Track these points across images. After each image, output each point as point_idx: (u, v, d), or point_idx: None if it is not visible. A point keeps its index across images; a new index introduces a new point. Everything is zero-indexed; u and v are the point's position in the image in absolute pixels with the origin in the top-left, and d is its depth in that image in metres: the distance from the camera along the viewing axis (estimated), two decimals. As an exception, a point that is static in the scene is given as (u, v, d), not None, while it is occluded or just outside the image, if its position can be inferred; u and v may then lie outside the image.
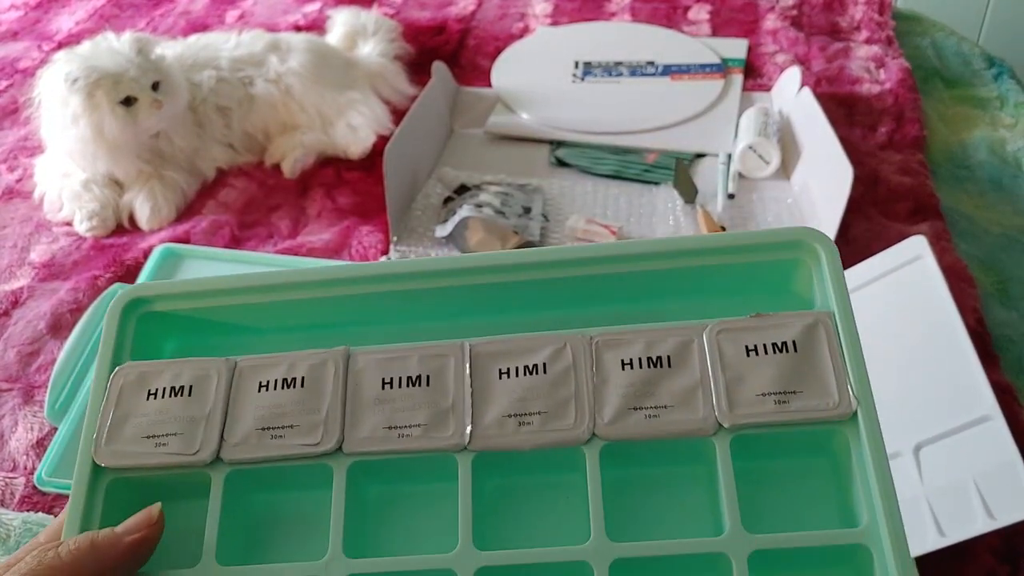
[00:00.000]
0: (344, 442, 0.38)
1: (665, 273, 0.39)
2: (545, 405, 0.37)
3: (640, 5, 1.53)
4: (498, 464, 0.38)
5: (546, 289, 0.40)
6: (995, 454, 0.61)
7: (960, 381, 0.66)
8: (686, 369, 0.37)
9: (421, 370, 0.39)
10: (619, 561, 0.35)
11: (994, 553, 0.73)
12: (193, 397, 0.40)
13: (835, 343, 0.37)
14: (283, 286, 0.42)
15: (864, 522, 0.36)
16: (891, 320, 0.75)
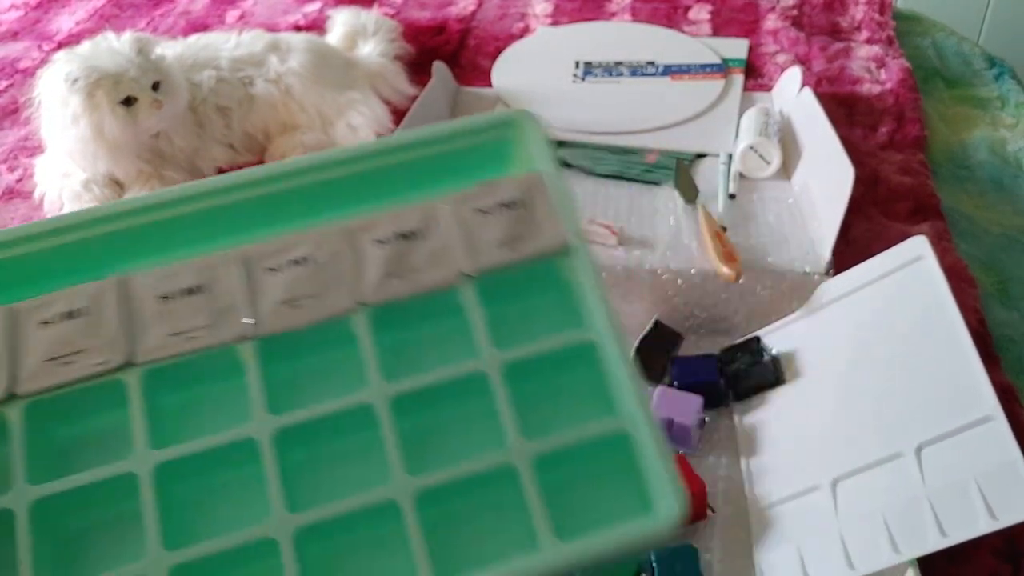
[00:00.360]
0: (133, 355, 0.40)
1: (405, 166, 0.45)
2: (314, 288, 0.41)
3: (640, 5, 1.53)
4: (281, 350, 0.41)
5: (304, 198, 0.44)
6: (997, 454, 0.61)
7: (961, 381, 0.66)
8: (431, 236, 0.42)
9: (196, 280, 0.42)
10: (397, 400, 0.40)
11: (996, 553, 0.73)
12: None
13: (547, 194, 0.44)
14: (49, 232, 0.43)
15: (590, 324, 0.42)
16: (892, 320, 0.75)
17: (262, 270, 0.42)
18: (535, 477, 0.38)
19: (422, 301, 0.42)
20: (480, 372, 0.41)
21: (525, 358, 0.41)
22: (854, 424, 0.73)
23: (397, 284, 0.42)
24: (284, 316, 0.41)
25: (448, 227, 0.43)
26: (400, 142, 0.45)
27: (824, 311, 0.83)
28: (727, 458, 0.82)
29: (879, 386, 0.73)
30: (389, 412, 0.40)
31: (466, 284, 0.42)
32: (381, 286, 0.42)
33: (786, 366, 0.83)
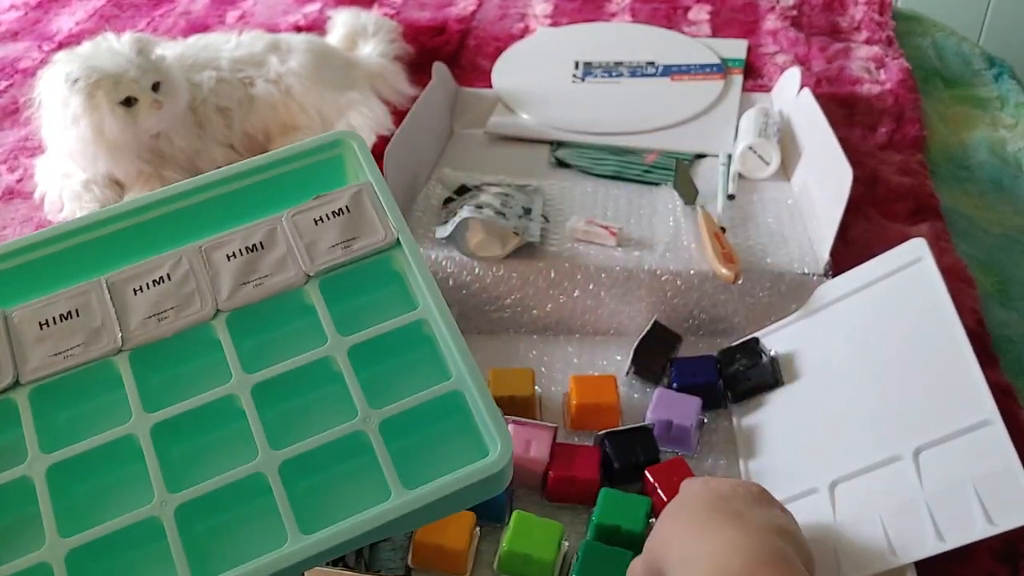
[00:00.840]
0: (19, 376, 0.47)
1: (246, 191, 0.54)
2: (175, 302, 0.49)
3: (640, 5, 1.53)
4: (152, 358, 0.48)
5: (160, 229, 0.52)
6: (995, 458, 0.62)
7: (960, 385, 0.66)
8: (275, 246, 0.50)
9: (70, 306, 0.49)
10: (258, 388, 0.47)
11: (994, 555, 0.73)
12: None
13: (374, 200, 0.51)
14: None
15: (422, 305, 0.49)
16: (891, 323, 0.75)
17: (129, 292, 0.49)
18: (383, 440, 0.45)
19: (273, 304, 0.50)
20: (329, 357, 0.48)
21: (367, 340, 0.48)
22: (852, 427, 0.73)
23: (249, 290, 0.50)
24: (151, 329, 0.48)
25: (289, 237, 0.51)
26: (241, 169, 0.54)
27: (823, 312, 0.83)
28: (726, 460, 0.82)
29: (877, 388, 0.73)
30: (251, 400, 0.47)
31: (310, 284, 0.50)
32: (234, 293, 0.50)
33: (785, 368, 0.84)
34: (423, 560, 0.71)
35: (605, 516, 0.73)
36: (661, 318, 0.92)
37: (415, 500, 0.43)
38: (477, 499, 0.46)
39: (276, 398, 0.48)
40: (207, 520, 0.45)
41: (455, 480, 0.44)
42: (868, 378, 0.75)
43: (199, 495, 0.44)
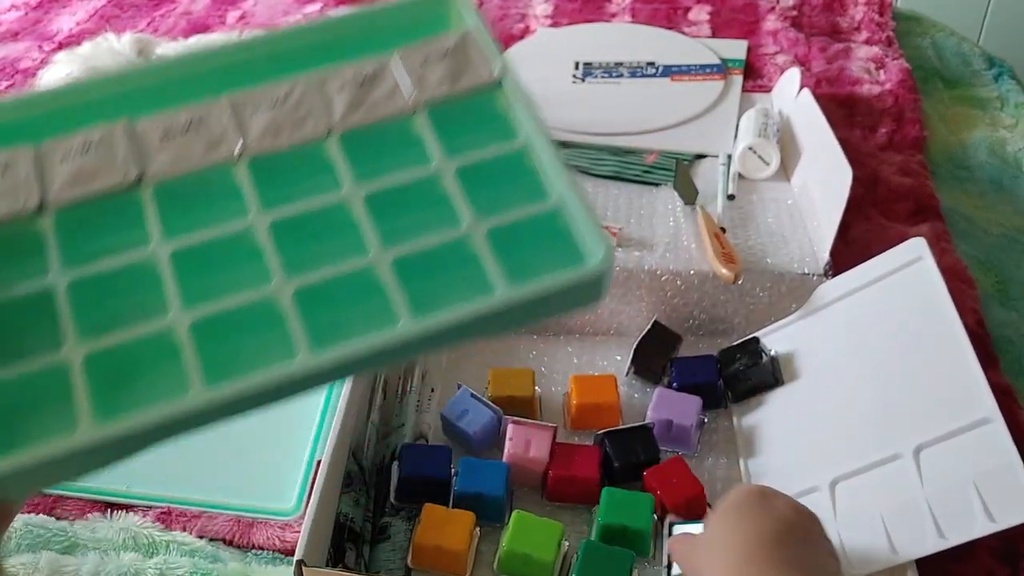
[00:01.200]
0: (143, 174, 0.49)
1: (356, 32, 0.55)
2: (292, 121, 0.51)
3: (640, 6, 1.53)
4: (268, 170, 0.50)
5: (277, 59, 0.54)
6: (995, 456, 0.62)
7: (960, 383, 0.66)
8: (384, 80, 0.53)
9: (190, 118, 0.51)
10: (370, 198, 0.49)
11: (994, 554, 0.73)
12: (7, 174, 0.48)
13: (478, 44, 0.53)
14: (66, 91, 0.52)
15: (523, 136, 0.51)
16: (891, 322, 0.75)
17: (247, 111, 0.52)
18: (488, 243, 0.47)
19: (381, 129, 0.52)
20: (435, 175, 0.50)
21: (471, 163, 0.50)
22: (853, 425, 0.73)
23: (360, 114, 0.52)
24: (266, 142, 0.51)
25: (398, 72, 0.53)
26: (349, 13, 0.56)
27: (823, 312, 0.83)
28: (726, 459, 0.82)
29: (878, 387, 0.73)
30: (364, 209, 0.49)
31: (418, 114, 0.52)
32: (346, 116, 0.52)
33: (785, 367, 0.84)
34: (423, 561, 0.71)
35: (610, 516, 0.72)
36: (661, 318, 0.92)
37: (520, 293, 0.45)
38: (577, 304, 0.48)
39: (388, 209, 0.50)
40: (324, 308, 0.47)
41: (557, 277, 0.46)
42: (868, 377, 0.75)
43: (317, 281, 0.47)
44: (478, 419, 0.80)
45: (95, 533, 0.76)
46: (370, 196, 0.49)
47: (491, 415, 0.80)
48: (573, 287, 0.46)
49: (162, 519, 0.77)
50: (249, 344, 0.46)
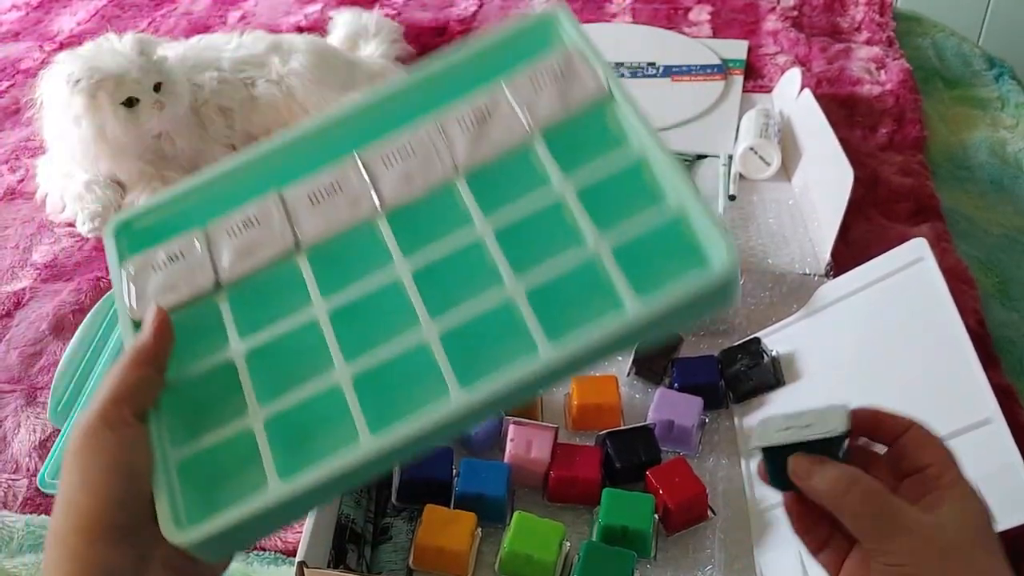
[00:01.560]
0: (299, 241, 0.54)
1: (467, 68, 0.57)
2: (421, 167, 0.54)
3: (641, 6, 1.53)
4: (406, 218, 0.54)
5: (397, 109, 0.57)
6: (996, 457, 0.62)
7: (961, 384, 0.66)
8: (500, 112, 0.55)
9: (332, 180, 0.55)
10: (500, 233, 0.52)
11: (995, 555, 0.73)
12: (186, 257, 0.54)
13: (584, 60, 0.55)
14: (216, 177, 0.57)
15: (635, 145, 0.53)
16: (892, 322, 0.76)
17: (380, 163, 0.55)
18: (615, 262, 0.49)
19: (503, 162, 0.54)
20: (558, 201, 0.52)
21: (591, 183, 0.52)
22: (854, 426, 0.73)
23: (482, 150, 0.54)
24: (402, 193, 0.54)
25: (511, 102, 0.55)
26: (463, 53, 0.58)
27: (824, 312, 0.83)
28: (727, 459, 0.82)
29: (878, 388, 0.73)
30: (496, 245, 0.51)
31: (535, 139, 0.54)
32: (469, 155, 0.54)
33: (786, 367, 0.84)
34: (424, 561, 0.71)
35: (611, 517, 0.73)
36: (662, 318, 0.92)
37: (649, 312, 0.46)
38: (710, 309, 0.49)
39: (515, 239, 0.52)
40: (469, 346, 0.50)
41: (685, 290, 0.46)
42: (869, 377, 0.75)
43: (460, 322, 0.50)
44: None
45: (97, 533, 0.76)
46: (500, 231, 0.52)
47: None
48: (701, 295, 0.47)
49: (164, 519, 0.77)
50: (406, 390, 0.49)
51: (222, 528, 0.45)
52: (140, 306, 0.53)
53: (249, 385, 0.50)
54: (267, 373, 0.51)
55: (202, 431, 0.49)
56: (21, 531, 0.75)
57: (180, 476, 0.47)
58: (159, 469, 0.47)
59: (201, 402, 0.51)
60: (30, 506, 0.79)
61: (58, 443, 0.83)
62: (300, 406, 0.50)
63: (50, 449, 0.83)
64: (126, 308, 0.53)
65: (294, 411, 0.50)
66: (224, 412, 0.50)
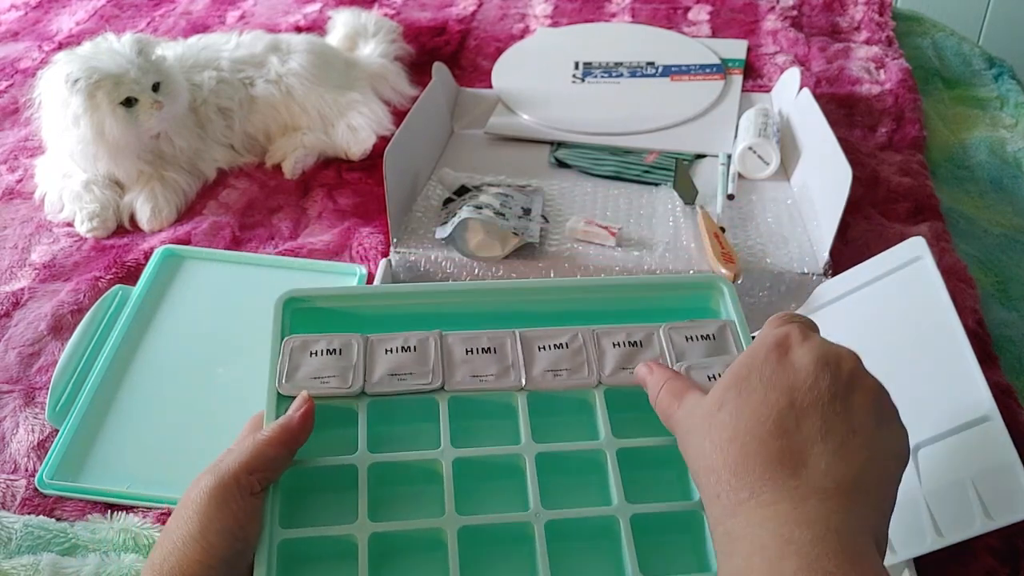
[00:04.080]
0: (445, 384, 0.59)
1: (634, 299, 0.66)
2: (569, 365, 0.61)
3: (640, 6, 1.53)
4: (542, 403, 0.59)
5: (566, 307, 0.65)
6: (994, 455, 0.62)
7: (959, 382, 0.66)
8: (651, 347, 0.61)
9: (490, 343, 0.61)
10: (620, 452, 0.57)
11: (994, 554, 0.73)
12: (343, 356, 0.60)
13: (736, 336, 0.61)
14: (392, 295, 0.66)
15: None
16: (890, 321, 0.75)
17: (535, 347, 0.61)
18: (631, 531, 0.53)
19: (640, 392, 0.58)
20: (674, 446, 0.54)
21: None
22: (852, 425, 0.73)
23: (624, 375, 0.60)
24: (546, 381, 0.60)
25: (663, 343, 0.61)
26: (632, 282, 0.69)
27: (822, 312, 0.83)
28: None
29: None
30: (615, 460, 0.56)
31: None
32: (614, 374, 0.60)
33: (785, 367, 0.83)
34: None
35: None
36: (661, 318, 0.92)
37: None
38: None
39: (633, 463, 0.57)
40: (566, 544, 0.54)
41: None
42: (867, 377, 0.75)
43: (565, 517, 0.54)
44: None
45: (95, 534, 0.76)
46: (621, 451, 0.57)
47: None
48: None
49: (163, 520, 0.77)
50: (499, 559, 0.54)
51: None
52: (288, 382, 0.58)
53: (365, 494, 0.55)
54: (382, 488, 0.56)
55: (310, 520, 0.54)
56: (19, 532, 0.75)
57: (280, 554, 0.52)
58: (264, 542, 0.51)
59: (314, 493, 0.56)
60: (28, 506, 0.79)
61: (57, 443, 0.82)
62: (405, 534, 0.54)
63: (48, 449, 0.82)
64: (275, 379, 0.59)
65: (398, 536, 0.54)
66: (334, 510, 0.55)
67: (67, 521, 0.78)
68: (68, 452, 0.82)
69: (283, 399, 0.57)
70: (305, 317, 0.63)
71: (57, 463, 0.81)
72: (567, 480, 0.56)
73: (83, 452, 0.82)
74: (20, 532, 0.75)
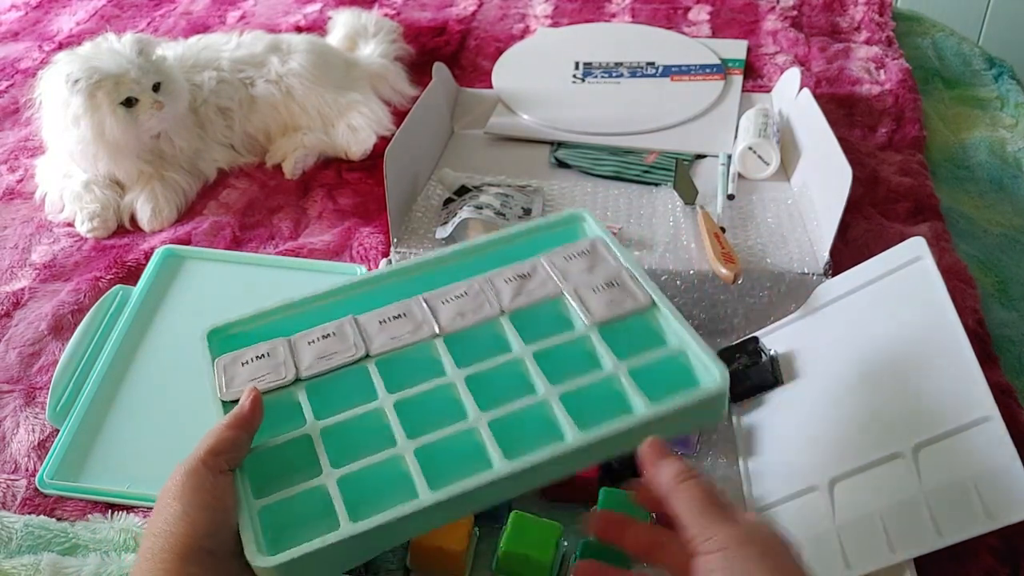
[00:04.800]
0: (368, 351, 0.68)
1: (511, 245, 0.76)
2: (473, 307, 0.70)
3: (640, 6, 1.53)
4: (459, 343, 0.68)
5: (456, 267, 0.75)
6: (994, 455, 0.62)
7: (959, 383, 0.66)
8: (537, 274, 0.72)
9: (399, 311, 0.70)
10: (536, 354, 0.66)
11: (994, 554, 0.73)
12: (271, 357, 0.67)
13: (607, 248, 0.73)
14: (300, 302, 0.72)
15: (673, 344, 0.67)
16: (890, 322, 0.76)
17: (440, 302, 0.70)
18: (628, 380, 0.63)
19: (538, 309, 0.70)
20: (583, 336, 0.67)
21: (609, 323, 0.68)
22: (852, 425, 0.73)
23: (522, 299, 0.70)
24: (456, 323, 0.69)
25: (547, 268, 0.72)
26: (509, 232, 0.76)
27: (822, 312, 0.83)
28: (725, 459, 0.82)
29: (877, 387, 0.73)
30: (534, 362, 0.66)
31: (562, 297, 0.70)
32: (512, 301, 0.70)
33: (784, 367, 0.84)
34: (422, 561, 0.71)
35: None
36: (661, 318, 0.92)
37: (656, 413, 0.60)
38: (703, 419, 0.68)
39: (549, 363, 0.65)
40: (510, 432, 0.61)
41: (684, 399, 0.61)
42: (867, 376, 0.75)
43: (503, 414, 0.62)
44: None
45: (96, 534, 0.76)
46: (536, 353, 0.66)
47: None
48: (699, 405, 0.61)
49: (162, 519, 0.77)
50: (457, 460, 0.59)
51: (296, 556, 0.54)
52: (229, 391, 0.66)
53: (323, 453, 0.61)
54: (338, 446, 0.62)
55: (280, 487, 0.60)
56: (20, 531, 0.75)
57: (261, 518, 0.58)
58: (243, 512, 0.57)
59: (279, 466, 0.62)
60: (29, 506, 0.79)
61: (57, 443, 0.82)
62: (367, 469, 0.60)
63: (49, 449, 0.83)
64: (217, 391, 0.66)
65: (362, 473, 0.60)
66: (300, 473, 0.60)
67: (68, 521, 0.78)
68: (69, 452, 0.82)
69: (228, 404, 0.65)
70: (230, 343, 0.70)
71: (58, 463, 0.81)
72: (496, 393, 0.64)
73: (84, 452, 0.83)
74: (21, 532, 0.75)
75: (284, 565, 0.54)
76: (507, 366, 0.66)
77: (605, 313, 0.68)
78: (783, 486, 0.75)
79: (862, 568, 0.65)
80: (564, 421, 0.61)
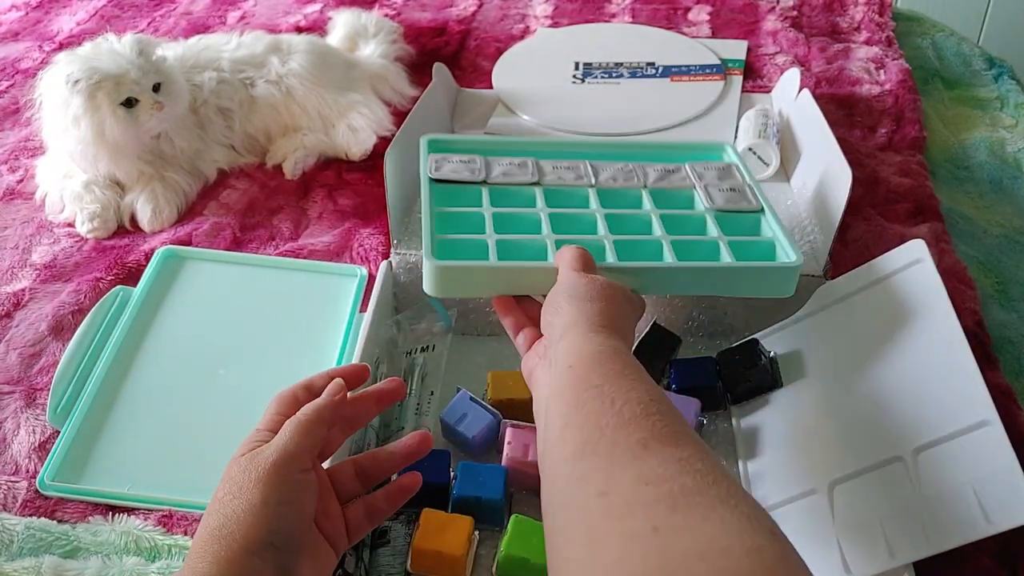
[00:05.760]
0: (540, 181, 0.89)
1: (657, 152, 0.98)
2: (624, 177, 0.91)
3: (640, 6, 1.53)
4: (608, 197, 0.88)
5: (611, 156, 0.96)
6: (994, 459, 0.62)
7: (959, 386, 0.66)
8: (680, 171, 0.92)
9: (568, 165, 0.91)
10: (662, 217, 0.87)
11: (993, 557, 0.73)
12: (469, 163, 0.90)
13: (740, 173, 0.93)
14: (499, 142, 0.96)
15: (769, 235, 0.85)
16: (890, 324, 0.76)
17: (600, 168, 0.91)
18: (726, 243, 0.81)
19: (673, 193, 0.90)
20: (701, 215, 0.86)
21: (724, 211, 0.86)
22: (851, 427, 0.73)
23: (663, 183, 0.90)
24: (609, 183, 0.90)
25: (688, 170, 0.92)
26: (666, 141, 1.06)
27: (822, 314, 0.83)
28: (725, 461, 0.82)
29: (876, 390, 0.73)
30: (658, 219, 0.85)
31: (693, 190, 0.89)
32: (655, 184, 0.90)
33: (784, 369, 0.84)
34: (422, 565, 0.71)
35: None
36: (661, 319, 0.92)
37: (739, 265, 0.79)
38: (774, 287, 0.80)
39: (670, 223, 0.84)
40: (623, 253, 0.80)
41: (765, 265, 0.80)
42: (867, 379, 0.75)
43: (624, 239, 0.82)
44: (477, 423, 0.80)
45: (97, 537, 0.76)
46: (662, 216, 0.85)
47: (490, 419, 0.81)
48: (771, 270, 0.80)
49: (164, 522, 0.77)
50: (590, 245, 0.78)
51: (459, 267, 0.76)
52: (436, 173, 0.88)
53: (489, 223, 0.82)
54: (500, 224, 0.82)
55: (455, 232, 0.81)
56: (21, 534, 0.75)
57: (436, 247, 0.78)
58: (426, 232, 0.79)
59: (457, 225, 0.82)
60: (29, 508, 0.79)
61: (58, 445, 0.83)
62: (518, 242, 0.80)
63: (49, 451, 0.83)
64: (426, 171, 0.88)
65: (512, 243, 0.80)
66: (470, 231, 0.81)
67: (68, 523, 0.78)
68: (69, 454, 0.82)
69: (433, 183, 0.87)
70: (441, 148, 0.92)
71: (58, 465, 0.81)
72: (624, 231, 0.83)
73: (84, 454, 0.83)
74: (21, 534, 0.75)
75: (444, 269, 0.75)
76: (638, 216, 0.85)
77: (722, 204, 0.86)
78: (782, 488, 0.75)
79: (861, 572, 0.65)
80: (668, 253, 0.79)
